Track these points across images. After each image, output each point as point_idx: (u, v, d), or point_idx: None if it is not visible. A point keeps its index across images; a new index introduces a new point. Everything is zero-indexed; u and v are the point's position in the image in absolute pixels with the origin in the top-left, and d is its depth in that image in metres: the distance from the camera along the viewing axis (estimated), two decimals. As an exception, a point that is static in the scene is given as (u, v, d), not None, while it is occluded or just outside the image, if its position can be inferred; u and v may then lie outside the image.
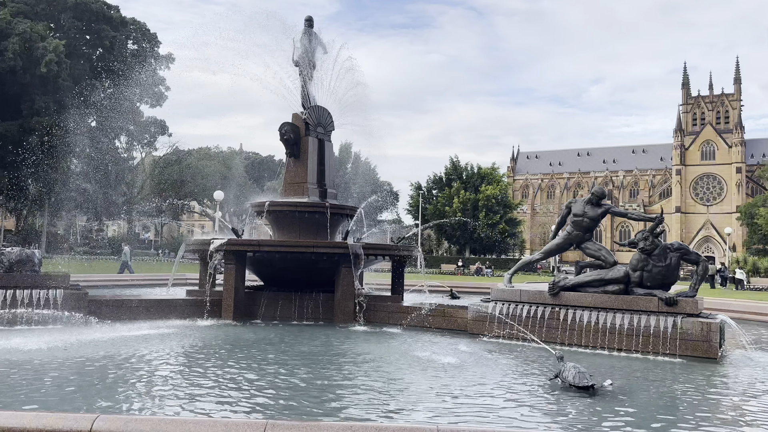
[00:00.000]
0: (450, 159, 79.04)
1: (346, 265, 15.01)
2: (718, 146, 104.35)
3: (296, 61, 17.70)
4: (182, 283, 23.04)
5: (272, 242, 16.37)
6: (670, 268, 12.30)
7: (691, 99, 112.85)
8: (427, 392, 8.00)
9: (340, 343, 12.15)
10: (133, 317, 14.24)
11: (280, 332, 13.41)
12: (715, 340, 11.34)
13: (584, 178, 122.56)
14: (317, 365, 9.65)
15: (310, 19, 18.07)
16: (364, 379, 8.77)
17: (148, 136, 66.50)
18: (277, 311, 15.44)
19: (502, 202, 73.97)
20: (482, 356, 11.02)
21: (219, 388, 7.82)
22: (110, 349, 10.39)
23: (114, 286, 23.91)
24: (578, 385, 8.17)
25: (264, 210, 16.68)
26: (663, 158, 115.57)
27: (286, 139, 17.23)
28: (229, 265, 15.12)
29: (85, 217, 72.64)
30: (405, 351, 11.25)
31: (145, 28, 54.62)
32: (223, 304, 14.99)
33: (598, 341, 12.19)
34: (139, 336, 11.96)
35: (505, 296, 13.69)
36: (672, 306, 11.82)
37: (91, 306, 13.98)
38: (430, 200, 76.98)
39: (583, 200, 13.75)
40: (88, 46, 52.53)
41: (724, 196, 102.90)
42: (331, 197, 17.64)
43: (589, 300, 12.66)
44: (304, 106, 17.63)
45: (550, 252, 14.54)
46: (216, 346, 11.36)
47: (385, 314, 15.37)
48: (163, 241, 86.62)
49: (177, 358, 9.99)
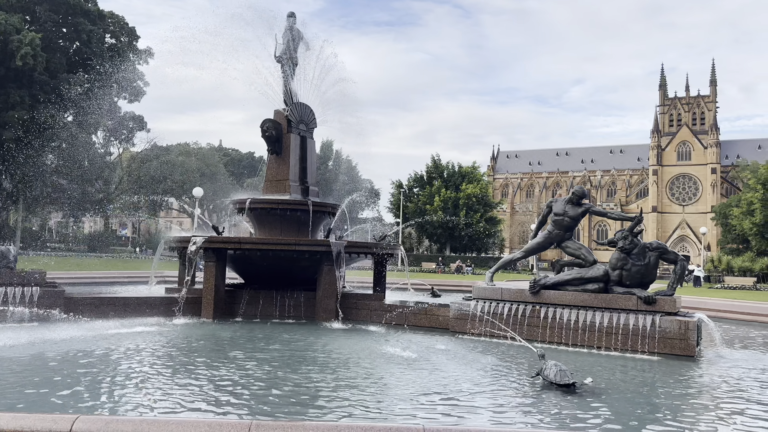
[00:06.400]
0: (431, 157, 79.17)
1: (329, 263, 14.96)
2: (694, 147, 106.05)
3: (278, 57, 17.56)
4: (161, 280, 22.80)
5: (253, 240, 16.25)
6: (649, 267, 12.47)
7: (668, 100, 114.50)
8: (410, 391, 8.00)
9: (322, 342, 12.10)
10: (110, 315, 14.03)
11: (261, 330, 13.32)
12: (692, 338, 11.51)
13: (563, 178, 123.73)
14: (298, 364, 9.59)
15: (293, 15, 17.93)
16: (345, 379, 8.74)
17: (126, 132, 65.53)
18: (258, 309, 15.34)
19: (483, 201, 74.31)
20: (464, 355, 11.06)
21: (199, 388, 7.73)
22: (86, 347, 10.24)
23: (92, 283, 23.56)
24: (559, 383, 8.25)
25: (245, 207, 16.54)
26: (640, 158, 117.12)
27: (268, 136, 17.09)
28: (210, 262, 14.98)
29: (60, 213, 71.43)
30: (385, 350, 11.23)
31: (123, 22, 53.81)
32: (203, 302, 14.84)
33: (578, 339, 12.32)
34: (116, 334, 11.79)
35: (487, 294, 13.77)
36: (651, 304, 11.98)
37: (68, 304, 13.76)
38: (411, 198, 77.06)
39: (564, 200, 13.87)
40: (65, 40, 51.58)
41: (700, 196, 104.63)
42: (314, 195, 17.55)
43: (569, 298, 12.78)
44: (287, 102, 17.51)
45: (531, 251, 14.64)
46: (195, 344, 11.26)
47: (367, 312, 15.36)
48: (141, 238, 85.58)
49: (155, 357, 9.86)
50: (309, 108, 17.77)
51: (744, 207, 58.57)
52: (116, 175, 72.44)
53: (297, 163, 17.44)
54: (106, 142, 66.16)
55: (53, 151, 51.07)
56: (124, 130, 64.08)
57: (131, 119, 63.06)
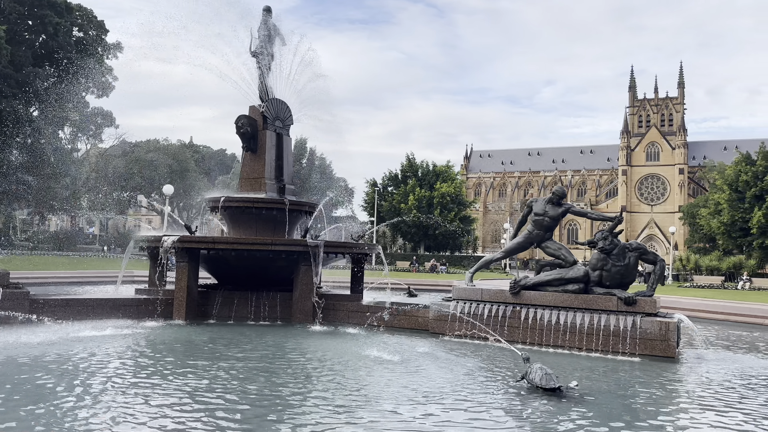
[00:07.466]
0: (406, 156, 79.11)
1: (306, 263, 14.62)
2: (663, 148, 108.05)
3: (254, 51, 17.11)
4: (131, 281, 22.17)
5: (228, 239, 15.83)
6: (629, 268, 12.44)
7: (637, 102, 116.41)
8: (391, 395, 7.74)
9: (298, 345, 11.77)
10: (78, 317, 13.47)
11: (236, 333, 12.92)
12: (672, 339, 11.50)
13: (534, 177, 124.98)
14: (274, 371, 9.26)
15: (269, 9, 17.51)
16: (321, 385, 8.42)
17: (94, 127, 64.07)
18: (232, 311, 14.93)
19: (457, 200, 74.49)
20: (446, 357, 10.84)
21: (168, 396, 7.32)
22: (49, 351, 9.75)
23: (58, 283, 22.81)
24: (545, 387, 8.09)
25: (219, 206, 16.10)
26: (610, 159, 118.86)
27: (243, 133, 16.66)
28: (182, 262, 14.51)
29: (25, 210, 69.45)
30: (365, 353, 10.93)
31: (91, 15, 52.37)
32: (175, 303, 14.37)
33: (559, 340, 12.22)
34: (82, 338, 11.31)
35: (467, 295, 13.59)
36: (631, 305, 11.94)
37: (32, 306, 13.16)
38: (386, 197, 76.87)
39: (544, 200, 13.78)
40: (31, 32, 50.01)
41: (668, 196, 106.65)
42: (290, 193, 17.17)
43: (549, 299, 12.68)
44: (262, 98, 17.09)
45: (511, 251, 14.53)
46: (166, 348, 10.82)
47: (345, 314, 15.07)
48: (109, 236, 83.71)
49: (123, 362, 9.41)
50: (285, 104, 17.39)
51: (711, 207, 59.73)
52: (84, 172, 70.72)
53: (273, 160, 17.04)
54: (73, 138, 64.60)
55: (18, 147, 49.50)
56: (92, 125, 62.67)
57: (99, 115, 61.69)
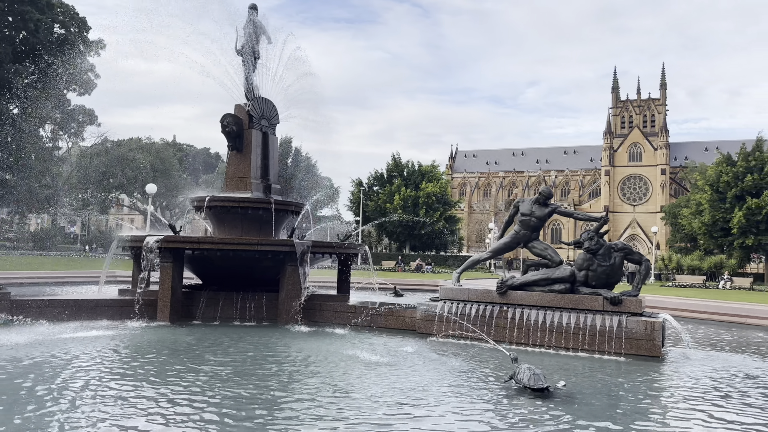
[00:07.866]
0: (392, 156, 79.19)
1: (292, 263, 14.51)
2: (645, 149, 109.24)
3: (239, 49, 16.96)
4: (114, 281, 21.90)
5: (213, 239, 15.66)
6: (614, 268, 12.51)
7: (620, 103, 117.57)
8: (377, 396, 7.69)
9: (284, 346, 11.68)
10: (60, 319, 13.27)
11: (221, 334, 12.78)
12: (658, 339, 11.57)
13: (519, 177, 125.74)
14: (258, 372, 9.16)
15: (255, 7, 17.35)
16: (306, 386, 8.34)
17: (76, 126, 63.19)
18: (217, 312, 14.78)
19: (442, 200, 74.63)
20: (433, 358, 10.82)
21: (152, 401, 7.18)
22: (31, 353, 9.58)
23: (39, 284, 22.47)
24: (533, 387, 8.09)
25: (204, 205, 15.93)
26: (593, 159, 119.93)
27: (228, 132, 16.50)
28: (166, 263, 14.33)
29: (5, 210, 68.36)
30: (352, 354, 10.87)
31: (73, 12, 51.64)
32: (159, 304, 14.20)
33: (546, 340, 12.25)
34: (65, 339, 11.13)
35: (454, 295, 13.58)
36: (617, 305, 12.01)
37: (13, 306, 12.94)
38: (371, 197, 76.82)
39: (531, 200, 13.81)
40: (11, 29, 49.19)
41: (650, 196, 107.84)
42: (276, 193, 17.04)
43: (536, 299, 12.71)
44: (248, 97, 16.94)
45: (498, 251, 14.53)
46: (149, 350, 10.66)
47: (331, 314, 14.98)
48: (90, 235, 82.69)
49: (105, 364, 9.23)
50: (271, 103, 17.26)
51: (693, 207, 60.41)
52: (65, 171, 69.79)
53: (259, 160, 16.90)
54: (54, 136, 63.64)
55: (-3, 145, 48.72)
56: (73, 123, 61.84)
57: (81, 112, 60.89)
